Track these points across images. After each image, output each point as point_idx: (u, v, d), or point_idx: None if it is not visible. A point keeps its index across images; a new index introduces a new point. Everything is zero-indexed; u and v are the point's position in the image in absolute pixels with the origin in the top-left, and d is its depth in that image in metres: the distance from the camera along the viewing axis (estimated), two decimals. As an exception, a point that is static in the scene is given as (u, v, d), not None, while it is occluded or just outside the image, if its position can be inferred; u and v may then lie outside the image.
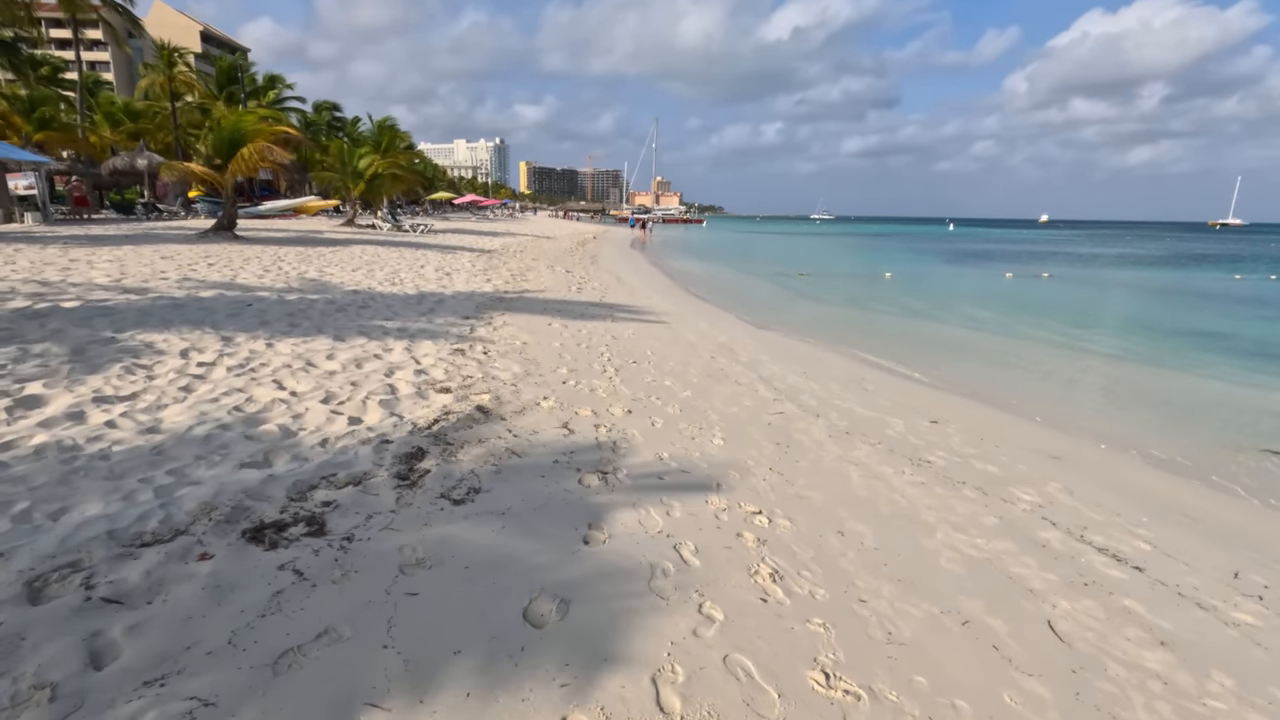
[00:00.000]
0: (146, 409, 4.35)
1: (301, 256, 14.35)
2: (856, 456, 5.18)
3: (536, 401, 5.44)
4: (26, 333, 5.94)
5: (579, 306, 11.41)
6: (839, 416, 6.33)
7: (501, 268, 16.42)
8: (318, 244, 17.90)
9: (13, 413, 4.04)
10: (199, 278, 10.17)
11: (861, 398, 7.32)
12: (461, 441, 4.35)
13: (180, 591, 2.48)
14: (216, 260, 12.45)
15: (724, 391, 6.72)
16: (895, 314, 15.71)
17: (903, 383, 8.54)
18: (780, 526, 3.71)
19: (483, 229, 37.01)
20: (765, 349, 9.89)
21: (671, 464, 4.44)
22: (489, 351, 7.06)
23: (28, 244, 12.99)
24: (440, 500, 3.47)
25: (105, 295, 8.04)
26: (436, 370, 6.05)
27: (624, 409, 5.55)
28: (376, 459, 3.91)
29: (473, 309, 9.74)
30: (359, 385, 5.34)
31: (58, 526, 2.80)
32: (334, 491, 3.44)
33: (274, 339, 6.64)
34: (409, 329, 7.82)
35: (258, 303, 8.48)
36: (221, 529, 2.94)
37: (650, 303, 13.70)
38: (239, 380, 5.16)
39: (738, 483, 4.27)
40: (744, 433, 5.40)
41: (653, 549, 3.25)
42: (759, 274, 25.30)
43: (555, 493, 3.73)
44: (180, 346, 5.97)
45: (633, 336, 9.14)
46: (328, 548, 2.89)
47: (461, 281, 12.85)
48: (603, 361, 7.28)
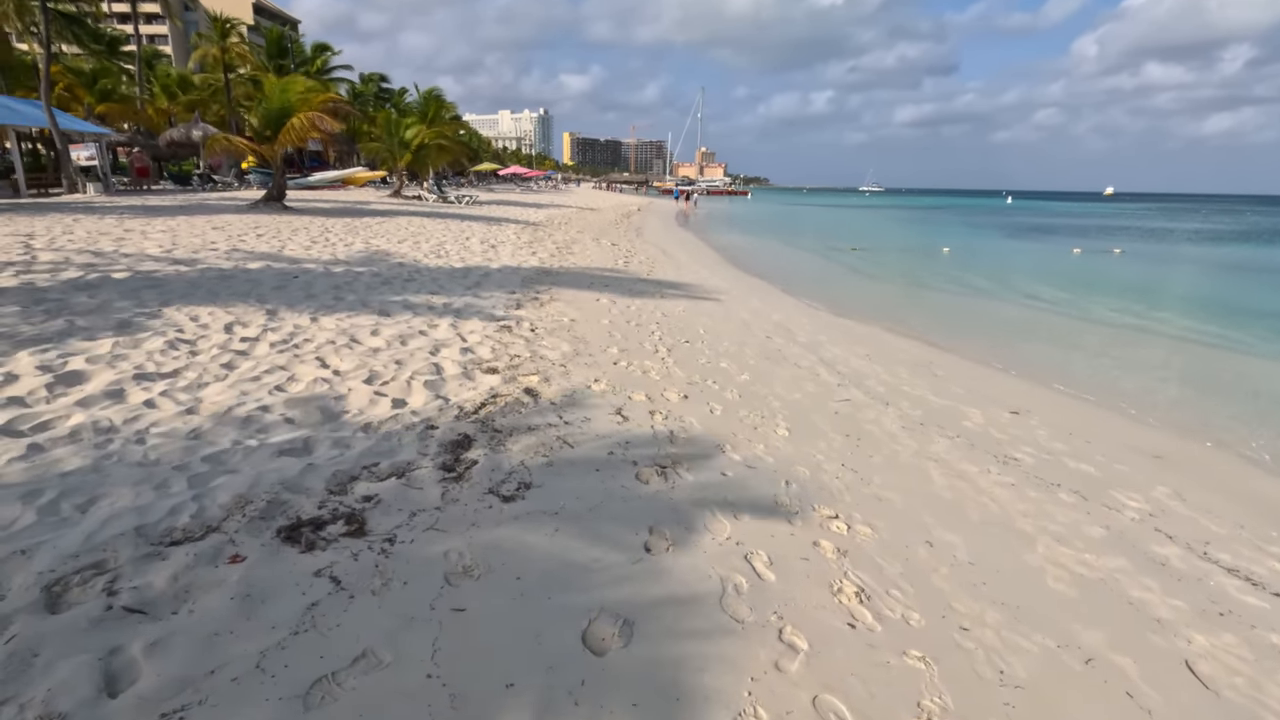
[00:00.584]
0: (187, 387, 4.18)
1: (349, 228, 14.30)
2: (935, 452, 4.73)
3: (587, 384, 5.13)
4: (75, 305, 5.88)
5: (626, 282, 11.05)
6: (911, 405, 5.86)
7: (546, 240, 16.13)
8: (364, 215, 17.89)
9: (53, 390, 3.90)
10: (247, 249, 10.14)
11: (932, 384, 6.81)
12: (510, 428, 4.06)
13: (208, 601, 2.25)
14: (265, 231, 12.46)
15: (784, 375, 6.30)
16: (957, 292, 14.89)
17: (974, 367, 7.96)
18: (860, 534, 3.33)
19: (527, 201, 36.79)
20: (823, 329, 9.38)
21: (735, 458, 4.08)
22: (536, 329, 6.78)
23: (87, 214, 13.22)
24: (488, 496, 3.19)
25: (155, 266, 8.01)
26: (483, 349, 5.79)
27: (679, 394, 5.20)
28: (421, 447, 3.66)
29: (519, 284, 9.48)
30: (404, 364, 5.11)
31: (85, 521, 2.61)
32: (376, 484, 3.20)
33: (319, 313, 6.47)
34: (454, 304, 7.58)
35: (304, 275, 8.36)
36: (256, 526, 2.71)
37: (699, 278, 13.25)
38: (282, 357, 4.97)
39: (808, 481, 3.89)
40: (809, 422, 5.00)
41: (722, 559, 2.91)
42: (809, 248, 24.48)
43: (612, 490, 3.41)
44: (225, 320, 5.83)
45: (683, 314, 8.75)
46: (368, 550, 2.64)
47: (507, 255, 12.60)
48: (654, 341, 6.92)
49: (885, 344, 8.89)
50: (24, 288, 6.32)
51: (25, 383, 3.95)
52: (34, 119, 19.18)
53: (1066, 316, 12.17)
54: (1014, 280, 16.53)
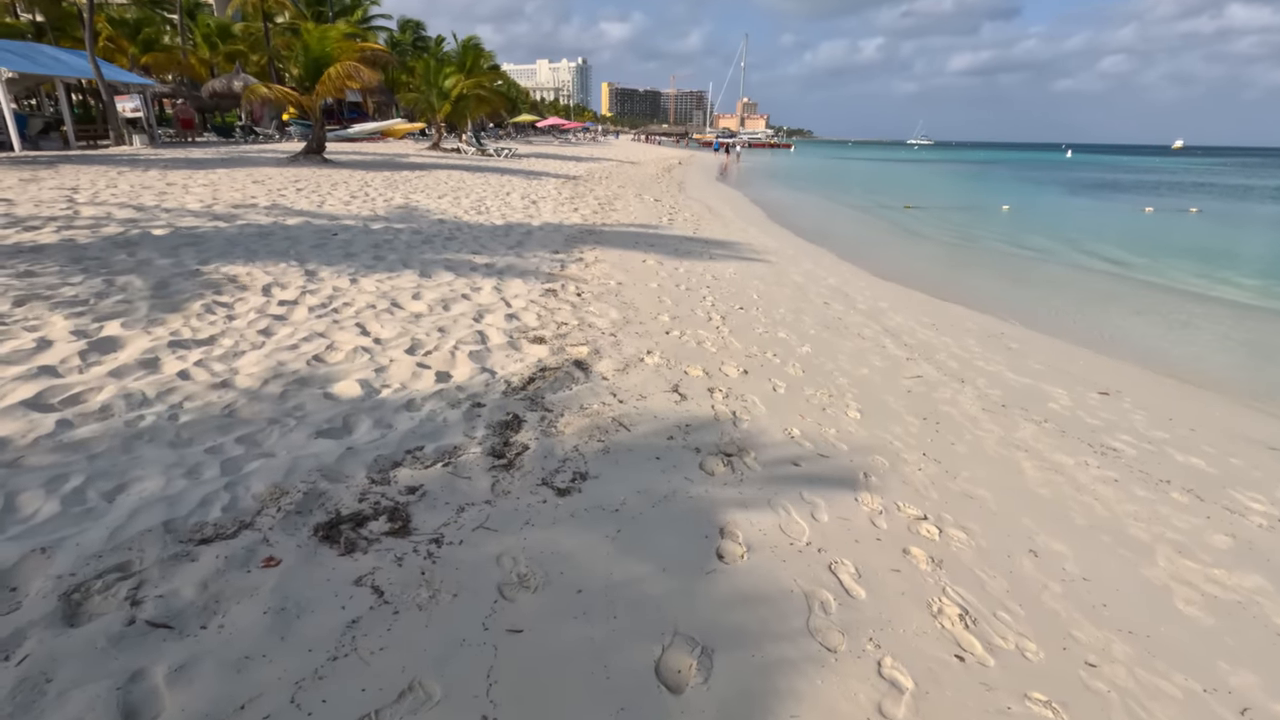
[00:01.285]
0: (223, 356, 3.97)
1: (388, 182, 14.03)
2: (1022, 439, 4.29)
3: (640, 356, 4.79)
4: (114, 263, 5.72)
5: (673, 241, 10.58)
6: (988, 383, 5.39)
7: (588, 195, 15.64)
8: (403, 168, 17.60)
9: (86, 358, 3.72)
10: (287, 204, 9.94)
11: (1008, 359, 6.29)
12: (561, 407, 3.76)
13: (240, 614, 2.01)
14: (305, 185, 12.26)
15: (847, 347, 5.86)
16: (1021, 255, 14.00)
17: (1050, 340, 7.37)
18: (954, 540, 2.96)
19: (566, 153, 36.04)
20: (882, 295, 8.83)
21: (805, 445, 3.72)
22: (582, 293, 6.43)
23: (131, 167, 13.20)
24: (541, 489, 2.91)
25: (195, 222, 7.86)
26: (528, 315, 5.48)
27: (738, 368, 4.83)
28: (468, 428, 3.38)
29: (562, 242, 9.11)
30: (447, 332, 4.83)
31: (111, 512, 2.39)
32: (420, 471, 2.93)
33: (358, 274, 6.23)
34: (497, 265, 7.27)
35: (343, 232, 8.12)
36: (291, 522, 2.47)
37: (747, 237, 12.68)
38: (320, 323, 4.74)
39: (888, 474, 3.51)
40: (881, 403, 4.59)
41: (803, 569, 2.59)
42: (859, 206, 23.43)
43: (675, 484, 3.10)
44: (263, 281, 5.62)
45: (734, 276, 8.30)
46: (413, 554, 2.38)
47: (549, 211, 12.20)
48: (706, 307, 6.53)
49: (950, 313, 8.32)
50: (64, 245, 6.20)
51: (59, 349, 3.78)
52: (80, 70, 19.19)
53: (1145, 284, 11.29)
54: (1083, 242, 15.49)
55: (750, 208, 19.79)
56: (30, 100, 26.22)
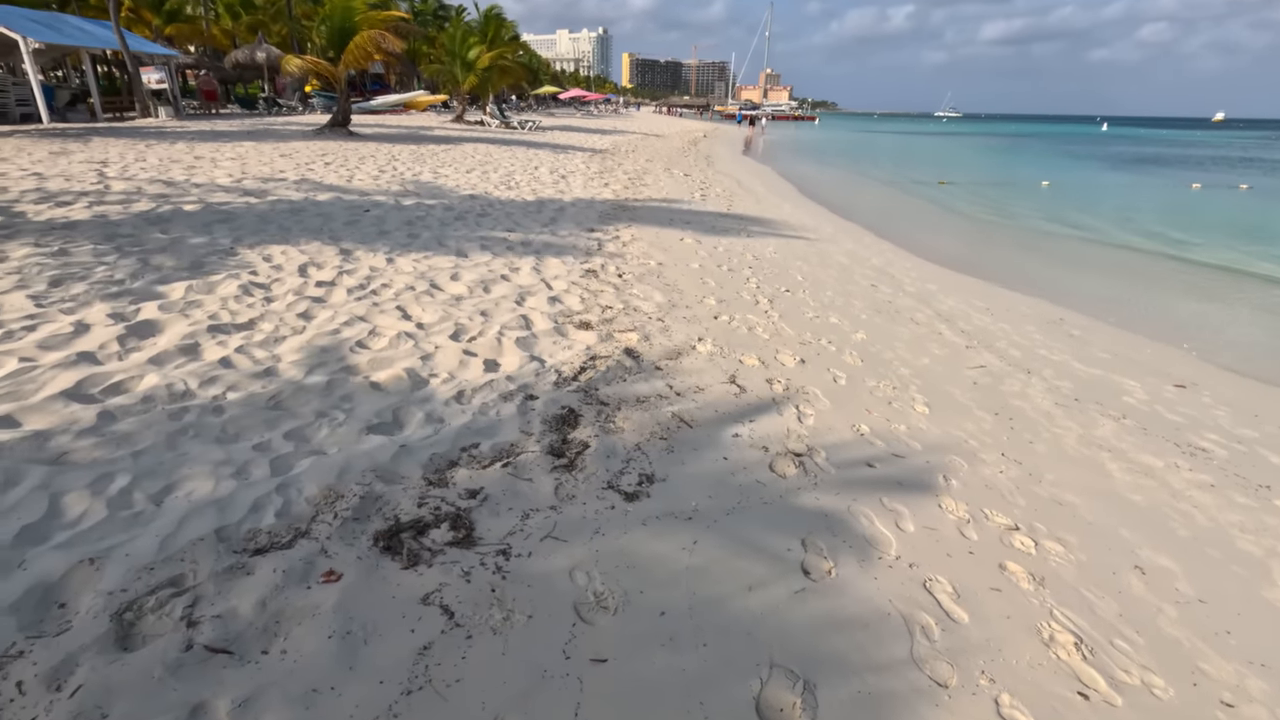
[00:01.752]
0: (264, 342, 3.81)
1: (415, 156, 13.80)
2: (1103, 437, 4.03)
3: (691, 344, 4.56)
4: (148, 241, 5.59)
5: (708, 218, 10.27)
6: (1055, 374, 5.10)
7: (617, 170, 15.30)
8: (429, 142, 17.34)
9: (125, 343, 3.58)
10: (316, 178, 9.77)
11: (1071, 347, 5.98)
12: (617, 400, 3.56)
13: (303, 638, 1.85)
14: (333, 159, 12.08)
15: (903, 334, 5.59)
16: (1067, 234, 13.45)
17: (1111, 327, 7.02)
18: (1051, 553, 2.73)
19: (589, 126, 35.48)
20: (929, 276, 8.49)
21: (877, 443, 3.49)
22: (623, 274, 6.20)
23: (159, 139, 13.09)
24: (608, 493, 2.72)
25: (226, 198, 7.71)
26: (571, 298, 5.26)
27: (794, 356, 4.60)
28: (523, 423, 3.19)
29: (595, 219, 8.85)
30: (490, 316, 4.64)
31: (159, 518, 2.24)
32: (478, 472, 2.75)
33: (394, 253, 6.04)
34: (533, 243, 7.05)
35: (375, 208, 7.93)
36: (349, 530, 2.31)
37: (782, 214, 12.31)
38: (360, 305, 4.56)
39: (969, 476, 3.28)
40: (947, 395, 4.34)
41: (896, 587, 2.38)
42: (892, 181, 22.78)
43: (747, 486, 2.89)
44: (299, 261, 5.45)
45: (775, 256, 8.00)
46: (480, 567, 2.20)
47: (579, 186, 11.91)
48: (751, 290, 6.27)
49: (1001, 297, 7.97)
50: (97, 221, 6.08)
51: (97, 334, 3.64)
52: (105, 40, 19.05)
53: (1202, 267, 10.78)
54: (1131, 220, 14.86)
55: (781, 183, 19.29)
56: (57, 72, 26.23)
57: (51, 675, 1.64)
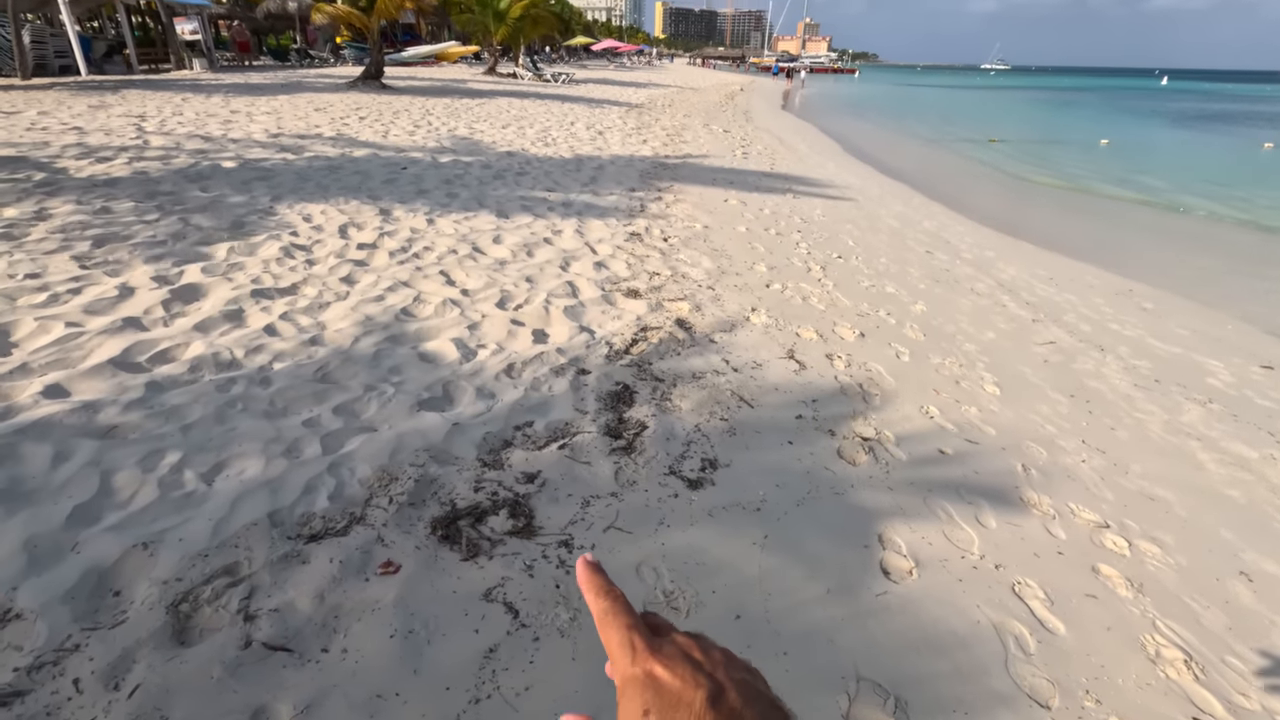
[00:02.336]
0: (308, 308, 3.71)
1: (449, 110, 13.51)
2: (1190, 424, 3.76)
3: (744, 315, 4.36)
4: (188, 199, 5.50)
5: (751, 177, 9.89)
6: (1131, 353, 4.79)
7: (654, 125, 14.84)
8: (462, 95, 16.99)
9: (170, 308, 3.50)
10: (351, 134, 9.59)
11: (1145, 322, 5.62)
12: (672, 375, 3.39)
13: (364, 636, 1.76)
14: (367, 113, 11.87)
15: (965, 306, 5.30)
16: (1130, 197, 12.72)
17: (1186, 301, 6.60)
18: (1147, 556, 2.53)
19: (623, 79, 34.54)
20: (985, 242, 8.07)
21: (948, 428, 3.28)
22: (669, 237, 5.96)
23: (194, 93, 12.99)
24: (670, 479, 2.58)
25: (263, 154, 7.59)
26: (617, 263, 5.07)
27: (853, 329, 4.37)
28: (577, 400, 3.05)
29: (636, 179, 8.56)
30: (535, 283, 4.48)
31: (211, 499, 2.16)
32: (534, 454, 2.63)
33: (434, 213, 5.88)
34: (574, 203, 6.83)
35: (412, 165, 7.75)
36: (405, 516, 2.20)
37: (826, 173, 11.83)
38: (403, 270, 4.43)
39: (1049, 466, 3.07)
40: (1018, 374, 4.08)
41: (984, 592, 2.21)
42: (939, 139, 21.81)
43: (816, 476, 2.73)
44: (339, 221, 5.33)
45: (823, 219, 7.67)
46: (543, 560, 2.09)
47: (617, 143, 11.55)
48: (802, 255, 5.99)
49: (1065, 265, 7.54)
50: (137, 178, 6.01)
51: (141, 298, 3.57)
52: (138, -10, 18.89)
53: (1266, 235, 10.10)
54: (1198, 184, 14.00)
55: (823, 140, 18.58)
56: (93, 23, 26.21)
57: (109, 673, 1.57)
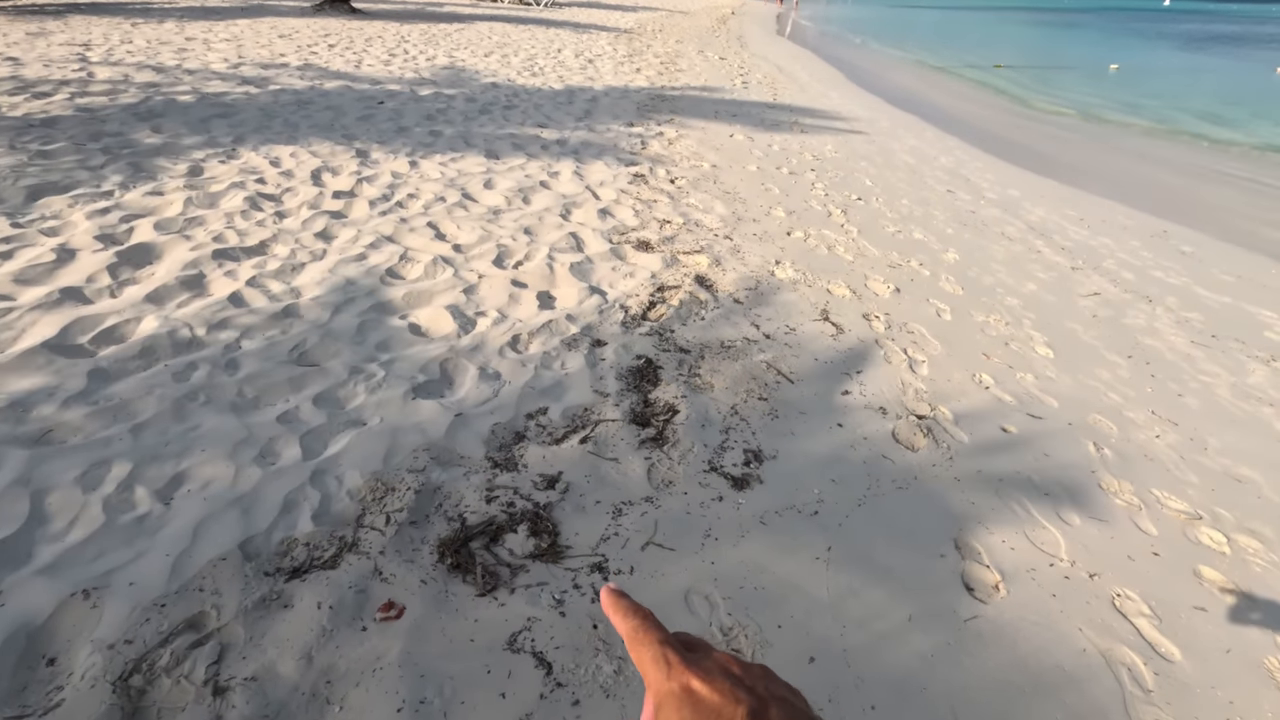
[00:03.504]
0: (279, 271, 3.25)
1: (426, 36, 12.51)
2: (1258, 386, 3.45)
3: (769, 270, 3.94)
4: (138, 141, 4.90)
5: (754, 109, 9.24)
6: (1180, 303, 4.44)
7: (646, 53, 13.89)
8: (440, 20, 15.80)
9: (118, 274, 3.03)
10: (321, 64, 8.77)
11: (1188, 267, 5.26)
12: (699, 346, 3.01)
13: (363, 707, 1.42)
14: (337, 41, 10.92)
15: (998, 254, 4.90)
16: (1149, 127, 12.13)
17: (1226, 244, 6.22)
18: (1247, 551, 2.24)
19: (610, 2, 32.59)
20: (1007, 180, 7.59)
21: (1005, 398, 2.95)
22: (676, 179, 5.46)
23: (145, 18, 11.89)
24: (710, 476, 2.23)
25: (223, 87, 6.86)
26: (623, 210, 4.59)
27: (885, 284, 3.98)
28: (595, 379, 2.67)
29: (634, 112, 7.91)
30: (535, 235, 4.01)
31: (170, 523, 1.78)
32: (552, 449, 2.26)
33: (417, 154, 5.31)
34: (569, 141, 6.25)
35: (390, 99, 7.07)
36: (406, 539, 1.84)
37: (831, 104, 11.14)
38: (386, 223, 3.94)
39: (1121, 444, 2.75)
40: (1069, 333, 3.73)
41: (1082, 609, 1.91)
42: (942, 66, 20.78)
43: (873, 464, 2.39)
44: (310, 165, 4.77)
45: (836, 156, 7.14)
46: (574, 591, 1.75)
47: (609, 72, 10.75)
48: (820, 197, 5.53)
49: (1093, 203, 7.10)
50: (79, 116, 5.35)
51: (84, 262, 3.08)
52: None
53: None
54: (1219, 113, 13.37)
55: (824, 67, 17.60)
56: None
57: (38, 784, 1.23)
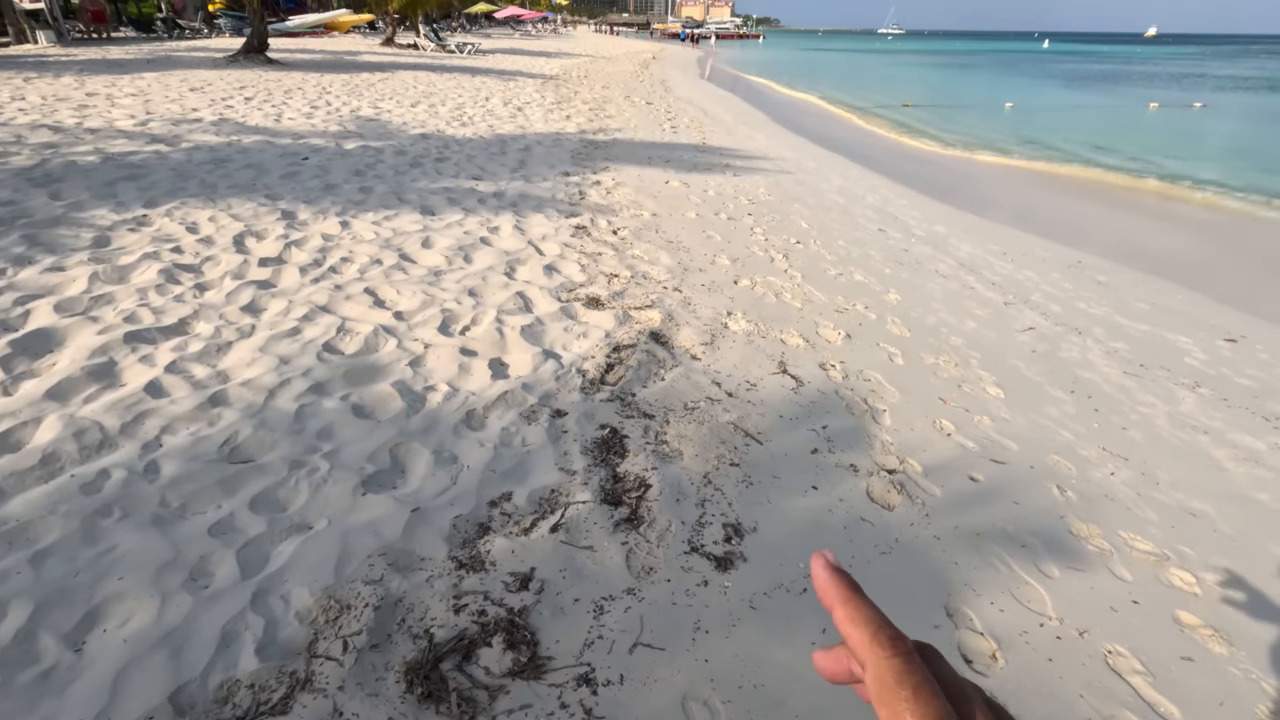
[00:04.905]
0: (202, 353, 2.98)
1: (348, 87, 12.26)
2: (1190, 414, 3.61)
3: (722, 321, 3.91)
4: (33, 209, 4.50)
5: (685, 152, 9.40)
6: (1107, 333, 4.67)
7: (574, 99, 14.04)
8: (361, 70, 15.57)
9: (12, 368, 2.71)
10: (238, 118, 8.42)
11: (1107, 297, 5.56)
12: (662, 409, 2.91)
13: None
14: (254, 93, 10.55)
15: (935, 292, 5.05)
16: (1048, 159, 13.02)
17: (1135, 271, 6.63)
18: (1216, 590, 2.28)
19: (531, 48, 33.05)
20: (931, 216, 7.93)
21: (968, 445, 2.96)
22: (618, 230, 5.42)
23: (39, 72, 11.21)
24: (692, 557, 2.11)
25: (130, 146, 6.46)
26: (568, 265, 4.50)
27: (836, 330, 4.00)
28: (559, 455, 2.52)
29: (568, 160, 7.91)
30: (480, 297, 3.86)
31: (83, 675, 1.53)
32: (521, 541, 2.09)
33: (348, 213, 5.09)
34: (506, 192, 6.15)
35: (314, 154, 6.81)
36: (368, 667, 1.64)
37: (758, 145, 11.48)
38: (320, 291, 3.71)
39: (1082, 484, 2.80)
40: (1013, 371, 3.84)
41: (1079, 672, 1.88)
42: (856, 105, 21.90)
43: (853, 528, 2.32)
44: (232, 230, 4.48)
45: (770, 198, 7.30)
46: (561, 711, 1.58)
47: (539, 119, 10.77)
48: (760, 243, 5.60)
49: (1012, 237, 7.49)
50: (-34, 183, 4.90)
51: (-30, 355, 2.74)
52: (-41, -50, 16.20)
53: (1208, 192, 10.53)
54: (1106, 143, 14.52)
55: (747, 109, 18.22)
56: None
57: None
